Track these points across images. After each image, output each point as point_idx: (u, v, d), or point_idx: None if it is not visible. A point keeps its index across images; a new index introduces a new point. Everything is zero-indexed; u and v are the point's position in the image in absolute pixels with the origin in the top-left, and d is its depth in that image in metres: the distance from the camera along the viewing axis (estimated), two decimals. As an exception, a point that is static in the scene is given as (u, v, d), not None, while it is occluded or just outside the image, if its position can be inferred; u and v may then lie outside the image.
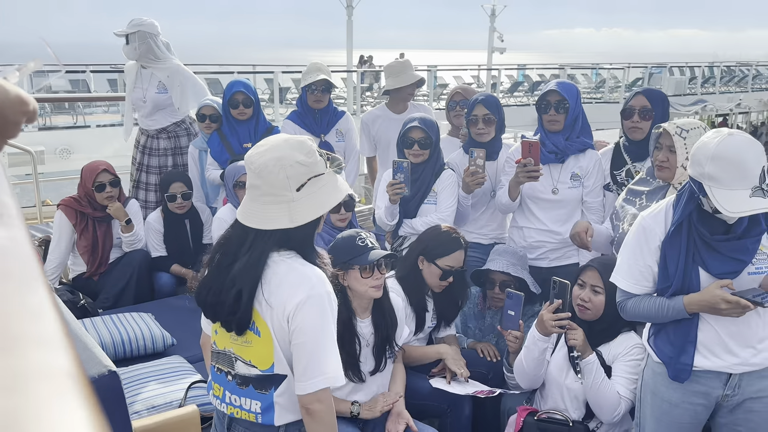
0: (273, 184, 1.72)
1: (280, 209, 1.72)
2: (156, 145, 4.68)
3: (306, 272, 1.75)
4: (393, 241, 3.50)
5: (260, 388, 1.82)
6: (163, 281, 4.18)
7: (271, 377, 1.81)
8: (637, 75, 22.49)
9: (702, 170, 1.98)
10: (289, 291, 1.73)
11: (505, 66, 20.30)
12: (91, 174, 3.98)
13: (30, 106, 0.71)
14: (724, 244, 2.08)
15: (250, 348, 1.82)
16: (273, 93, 14.00)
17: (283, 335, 1.76)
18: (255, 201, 1.76)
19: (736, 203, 1.94)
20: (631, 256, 2.25)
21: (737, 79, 25.33)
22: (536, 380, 2.77)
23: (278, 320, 1.74)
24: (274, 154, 1.73)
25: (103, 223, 4.07)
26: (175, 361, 3.03)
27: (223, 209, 3.96)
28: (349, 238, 2.50)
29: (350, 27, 14.60)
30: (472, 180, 3.27)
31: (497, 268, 3.16)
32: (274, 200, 1.73)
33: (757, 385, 2.18)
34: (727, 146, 1.95)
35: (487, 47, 18.35)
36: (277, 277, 1.75)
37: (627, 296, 2.29)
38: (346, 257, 2.46)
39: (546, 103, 3.26)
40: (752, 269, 2.10)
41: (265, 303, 1.75)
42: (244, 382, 1.85)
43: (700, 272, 2.12)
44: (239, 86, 4.32)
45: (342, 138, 4.41)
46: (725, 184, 1.95)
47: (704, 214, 2.10)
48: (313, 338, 1.72)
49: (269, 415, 1.82)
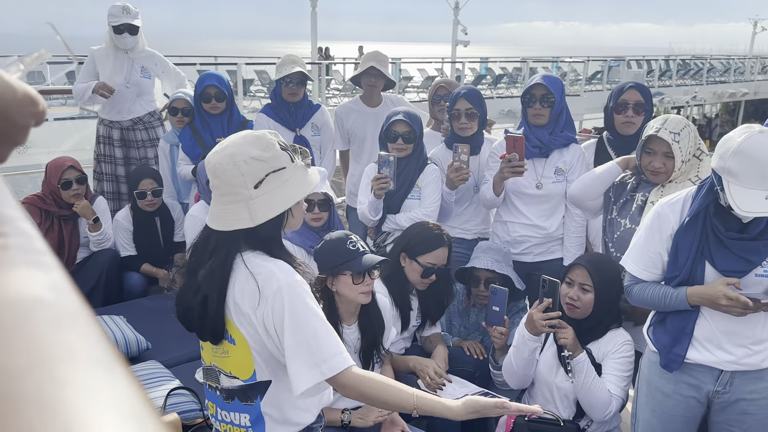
0: (229, 182, 1.63)
1: (240, 208, 1.63)
2: (134, 136, 4.57)
3: (270, 267, 1.65)
4: (376, 236, 3.43)
5: (245, 399, 1.74)
6: (133, 281, 4.04)
7: (254, 386, 1.72)
8: (597, 68, 22.78)
9: (724, 164, 1.95)
10: (256, 293, 1.64)
11: (468, 59, 20.32)
12: (56, 171, 3.81)
13: (40, 107, 0.61)
14: (736, 242, 2.06)
15: (228, 359, 1.73)
16: (236, 85, 13.74)
17: (257, 339, 1.67)
18: (216, 202, 1.68)
19: (749, 203, 1.90)
20: (644, 241, 2.24)
21: (692, 73, 25.91)
22: (526, 380, 2.74)
23: (251, 324, 1.65)
24: (228, 151, 1.65)
25: (69, 221, 3.90)
26: (151, 366, 2.91)
27: (196, 206, 3.83)
28: (338, 241, 2.38)
29: (314, 19, 14.39)
30: (457, 176, 3.22)
31: (482, 266, 3.11)
32: (232, 199, 1.64)
33: (751, 386, 2.18)
34: (754, 144, 1.91)
35: (451, 40, 18.32)
36: (242, 280, 1.66)
37: (635, 281, 2.28)
38: (336, 262, 2.36)
39: (531, 97, 3.21)
40: (760, 271, 2.08)
41: (235, 308, 1.66)
42: (229, 395, 1.76)
43: (707, 266, 2.11)
44: (212, 79, 4.19)
45: (318, 132, 4.31)
46: (743, 181, 1.92)
47: (720, 209, 2.08)
48: (301, 327, 1.61)
49: (260, 428, 1.74)
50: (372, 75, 4.14)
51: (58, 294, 0.32)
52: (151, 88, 4.65)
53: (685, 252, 2.12)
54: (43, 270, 0.33)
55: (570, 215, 3.33)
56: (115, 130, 4.59)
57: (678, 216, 2.17)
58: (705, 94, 23.97)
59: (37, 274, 0.32)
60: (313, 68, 14.21)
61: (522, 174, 3.12)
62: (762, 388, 2.18)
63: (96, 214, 3.91)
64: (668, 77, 24.26)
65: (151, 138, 4.65)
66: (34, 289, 0.31)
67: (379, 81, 4.17)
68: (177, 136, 4.32)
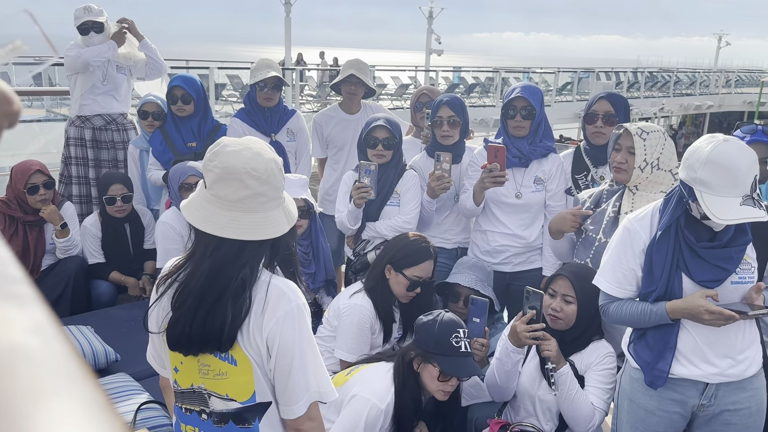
0: (277, 186, 1.58)
1: (279, 213, 1.59)
2: (105, 137, 4.46)
3: (280, 287, 1.59)
4: (355, 245, 3.36)
5: (241, 422, 1.64)
6: (101, 290, 3.91)
7: (253, 408, 1.63)
8: (567, 79, 23.08)
9: (694, 174, 1.95)
10: (267, 312, 1.57)
11: (441, 68, 20.44)
12: (22, 175, 3.66)
13: (14, 106, 0.54)
14: (709, 251, 2.05)
15: (226, 380, 1.62)
16: (208, 89, 13.60)
17: (261, 360, 1.59)
18: (257, 210, 1.55)
19: (725, 210, 1.91)
20: (616, 258, 2.21)
21: (660, 85, 26.40)
22: (508, 392, 2.69)
23: (257, 345, 1.57)
24: (269, 155, 1.58)
25: (35, 227, 3.76)
26: (120, 379, 2.80)
27: (167, 213, 3.72)
28: (447, 330, 2.37)
29: (288, 24, 14.30)
30: (438, 185, 3.17)
31: (466, 284, 3.05)
32: (276, 204, 1.58)
33: (733, 397, 2.16)
34: (722, 152, 1.92)
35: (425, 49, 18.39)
36: (255, 299, 1.58)
37: (610, 300, 2.25)
38: (435, 350, 2.35)
39: (512, 109, 3.19)
40: (735, 279, 2.08)
41: (244, 328, 1.57)
42: (222, 419, 1.65)
43: (683, 279, 2.09)
44: (177, 81, 4.10)
45: (293, 137, 4.23)
46: (716, 190, 1.92)
47: (691, 220, 2.07)
48: (299, 354, 1.57)
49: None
50: (352, 83, 4.09)
51: (43, 340, 0.24)
52: (126, 87, 4.55)
53: (659, 266, 2.10)
54: (21, 306, 0.26)
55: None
56: (87, 130, 4.46)
57: (648, 230, 2.15)
58: (672, 106, 24.44)
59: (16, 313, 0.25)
60: (287, 74, 14.14)
61: (503, 184, 3.10)
62: (744, 398, 2.17)
63: (64, 220, 3.77)
64: (636, 89, 24.69)
65: (123, 140, 4.53)
66: (13, 334, 0.23)
67: (359, 89, 4.12)
68: (147, 140, 4.21)
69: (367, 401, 2.27)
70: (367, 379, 2.39)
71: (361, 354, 2.74)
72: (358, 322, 2.74)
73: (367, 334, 2.77)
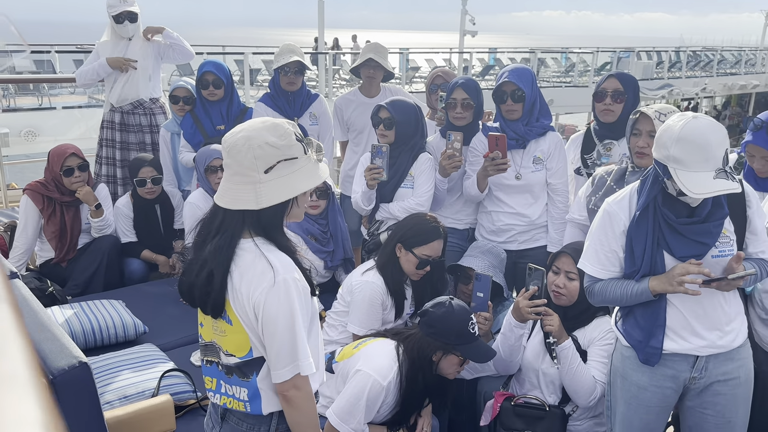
0: (242, 163, 1.70)
1: (247, 190, 1.70)
2: (133, 120, 4.66)
3: (271, 260, 1.72)
4: (370, 225, 3.47)
5: (242, 375, 1.80)
6: (133, 267, 4.11)
7: (250, 362, 1.79)
8: (606, 59, 22.65)
9: (667, 153, 2.01)
10: (255, 280, 1.70)
11: (476, 49, 20.25)
12: (58, 158, 3.88)
13: None
14: (688, 227, 2.10)
15: (225, 338, 1.80)
16: (243, 74, 13.78)
17: (251, 324, 1.74)
18: (227, 180, 1.75)
19: (700, 185, 1.96)
20: (597, 241, 2.27)
21: (703, 64, 25.69)
22: (512, 366, 2.78)
23: (245, 310, 1.72)
24: (245, 134, 1.72)
25: (71, 207, 3.97)
26: (147, 349, 2.97)
27: (195, 194, 3.89)
28: (464, 319, 2.48)
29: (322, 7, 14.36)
30: (449, 163, 3.25)
31: (481, 270, 3.08)
32: (242, 180, 1.71)
33: (723, 368, 2.22)
34: (692, 129, 1.97)
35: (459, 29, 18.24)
36: (244, 265, 1.72)
37: (594, 281, 2.30)
38: (458, 341, 2.47)
39: (502, 94, 3.25)
40: (716, 252, 2.13)
41: (233, 290, 1.73)
42: (228, 371, 1.83)
43: (665, 256, 2.14)
44: (209, 66, 4.26)
45: (316, 121, 4.36)
46: (689, 166, 1.97)
47: (668, 198, 2.13)
48: (282, 326, 1.70)
49: (257, 403, 1.80)
50: (371, 66, 4.18)
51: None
52: (155, 73, 4.74)
53: (641, 244, 2.15)
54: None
55: (553, 202, 3.37)
56: (116, 113, 4.69)
57: (627, 212, 2.20)
58: (715, 86, 23.79)
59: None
60: (320, 58, 14.22)
61: (505, 171, 3.18)
62: (733, 368, 2.22)
63: (98, 201, 3.97)
64: (678, 69, 24.08)
65: (150, 124, 4.72)
66: None
67: (377, 72, 4.21)
68: (178, 124, 4.38)
69: (369, 377, 2.39)
70: (372, 355, 2.50)
71: (371, 329, 2.86)
72: (370, 298, 2.86)
73: (378, 309, 2.88)
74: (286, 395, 1.75)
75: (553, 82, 20.56)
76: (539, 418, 2.64)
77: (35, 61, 12.90)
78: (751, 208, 2.18)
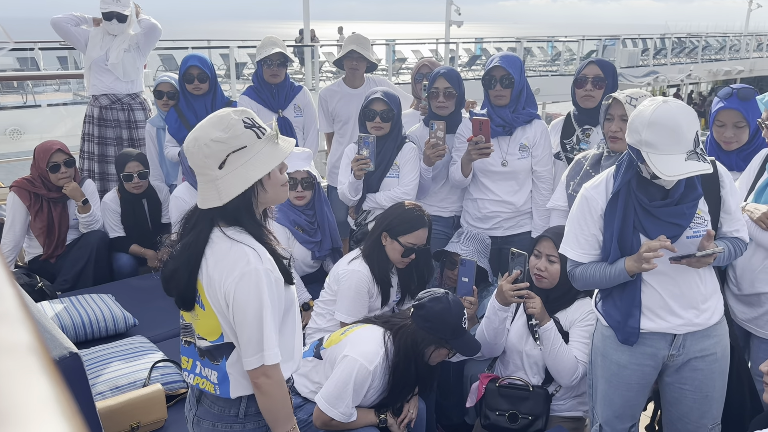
0: (197, 164, 1.75)
1: (210, 188, 1.75)
2: (110, 115, 4.66)
3: (244, 249, 1.76)
4: (357, 216, 3.52)
5: (213, 359, 1.86)
6: (122, 262, 4.13)
7: (220, 347, 1.84)
8: (591, 47, 22.72)
9: (639, 137, 2.06)
10: (227, 269, 1.75)
11: (462, 39, 20.26)
12: (44, 154, 3.89)
13: None
14: (662, 209, 2.16)
15: (199, 321, 1.86)
16: (229, 68, 13.76)
17: (222, 311, 1.78)
18: (198, 181, 1.81)
19: (672, 167, 2.01)
20: (577, 226, 2.32)
21: (687, 51, 25.81)
22: (497, 348, 2.84)
23: (217, 297, 1.77)
24: (194, 134, 1.75)
25: (59, 203, 3.99)
26: (137, 341, 3.01)
27: (180, 187, 3.92)
28: (459, 315, 2.53)
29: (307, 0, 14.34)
30: (433, 152, 3.30)
31: (466, 255, 3.14)
32: (204, 179, 1.76)
33: (700, 345, 2.28)
34: (662, 113, 2.03)
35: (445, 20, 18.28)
36: (218, 253, 1.77)
37: (575, 265, 2.35)
38: (452, 336, 2.52)
39: (491, 78, 3.29)
40: (690, 233, 2.18)
41: (207, 278, 1.78)
42: (201, 353, 1.89)
43: (642, 238, 2.19)
44: (194, 60, 4.28)
45: (300, 113, 4.39)
46: (661, 149, 2.02)
47: (643, 181, 2.18)
48: (251, 316, 1.74)
49: (225, 386, 1.85)
50: (353, 58, 4.21)
51: None
52: (134, 68, 4.73)
53: (617, 227, 2.20)
54: None
55: (537, 189, 3.42)
56: (95, 108, 4.71)
57: (604, 196, 2.25)
58: (700, 72, 23.92)
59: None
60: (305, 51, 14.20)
61: (489, 155, 3.22)
62: (710, 345, 2.29)
63: (85, 196, 3.99)
64: (663, 56, 24.19)
65: (128, 119, 4.73)
66: None
67: (360, 64, 4.24)
68: (163, 119, 4.40)
69: (356, 362, 2.45)
70: (358, 340, 2.55)
71: (358, 316, 2.90)
72: (356, 287, 2.90)
73: (364, 297, 2.92)
74: (257, 382, 1.80)
75: (539, 72, 20.61)
76: (523, 398, 2.71)
77: (18, 58, 12.80)
78: (725, 188, 2.24)
